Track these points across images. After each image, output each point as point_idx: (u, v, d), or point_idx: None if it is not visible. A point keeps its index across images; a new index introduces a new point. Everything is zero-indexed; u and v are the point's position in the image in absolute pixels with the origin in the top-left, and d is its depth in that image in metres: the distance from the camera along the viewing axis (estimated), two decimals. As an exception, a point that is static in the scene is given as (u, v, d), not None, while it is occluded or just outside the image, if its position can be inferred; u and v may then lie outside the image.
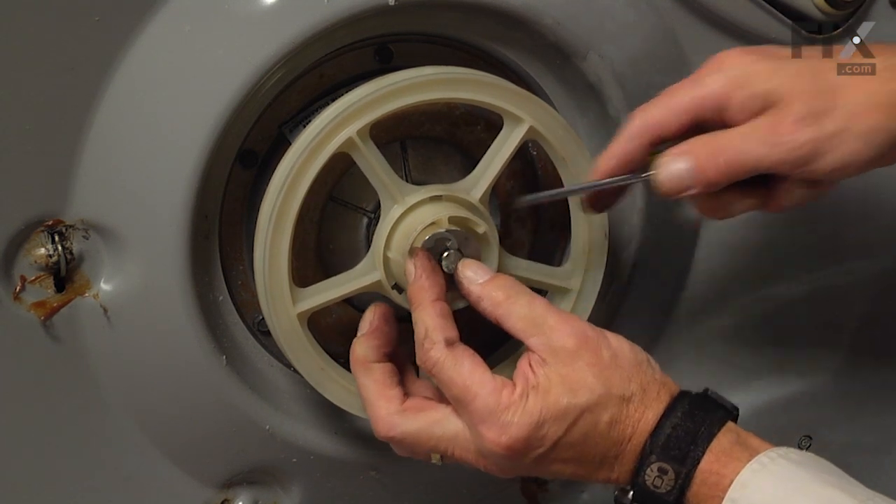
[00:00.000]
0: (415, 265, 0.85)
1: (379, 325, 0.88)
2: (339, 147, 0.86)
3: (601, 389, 0.79)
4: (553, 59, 0.97)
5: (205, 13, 0.86)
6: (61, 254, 0.87)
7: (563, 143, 0.92)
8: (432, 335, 0.82)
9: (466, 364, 0.81)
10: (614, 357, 0.81)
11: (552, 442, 0.79)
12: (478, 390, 0.80)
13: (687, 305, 1.10)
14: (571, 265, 0.95)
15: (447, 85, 0.88)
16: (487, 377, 0.80)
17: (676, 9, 0.99)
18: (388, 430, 0.84)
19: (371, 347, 0.87)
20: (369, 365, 0.86)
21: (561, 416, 0.78)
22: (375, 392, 0.85)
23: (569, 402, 0.78)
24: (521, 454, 0.79)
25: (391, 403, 0.85)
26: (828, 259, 1.12)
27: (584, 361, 0.80)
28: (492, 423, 0.79)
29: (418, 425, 0.83)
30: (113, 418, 0.93)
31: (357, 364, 0.87)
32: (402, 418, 0.84)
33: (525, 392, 0.79)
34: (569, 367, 0.79)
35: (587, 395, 0.79)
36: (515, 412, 0.78)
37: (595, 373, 0.79)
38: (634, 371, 0.81)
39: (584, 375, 0.79)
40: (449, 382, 0.81)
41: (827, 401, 1.17)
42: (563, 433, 0.79)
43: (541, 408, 0.78)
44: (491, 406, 0.79)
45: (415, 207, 0.88)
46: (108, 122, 0.86)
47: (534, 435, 0.79)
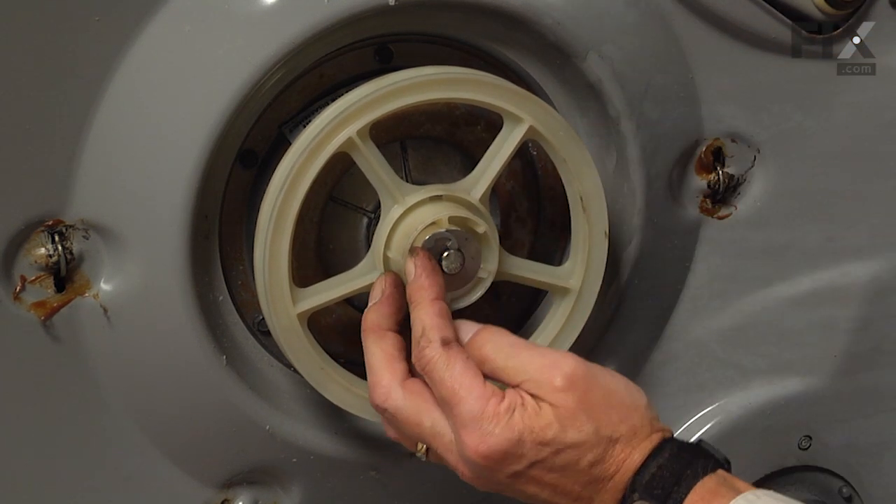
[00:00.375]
0: (415, 264, 0.85)
1: (391, 292, 0.87)
2: (339, 147, 0.85)
3: (590, 429, 0.78)
4: (553, 59, 0.97)
5: (205, 13, 0.86)
6: (61, 254, 0.87)
7: (563, 143, 0.92)
8: (429, 334, 0.82)
9: (458, 366, 0.80)
10: (607, 397, 0.79)
11: (529, 462, 0.78)
12: (464, 395, 0.79)
13: (687, 305, 1.10)
14: (571, 264, 0.95)
15: (447, 85, 0.88)
16: (477, 382, 0.79)
17: (676, 9, 0.99)
18: (384, 398, 0.83)
19: (384, 315, 0.86)
20: (382, 332, 0.85)
21: (544, 444, 0.78)
22: (382, 359, 0.84)
23: (555, 435, 0.78)
24: (495, 467, 0.79)
25: (395, 375, 0.83)
26: (826, 260, 1.12)
27: (575, 399, 0.78)
28: (473, 429, 0.78)
29: (414, 407, 0.82)
30: (113, 418, 0.93)
31: (368, 331, 0.86)
32: (402, 392, 0.83)
33: (512, 407, 0.78)
34: (561, 404, 0.78)
35: (575, 434, 0.78)
36: (498, 424, 0.78)
37: (586, 412, 0.78)
38: (627, 413, 0.80)
39: (576, 413, 0.78)
40: (439, 383, 0.80)
41: (827, 401, 1.17)
42: (542, 458, 0.78)
43: (525, 427, 0.77)
44: (475, 412, 0.78)
45: (415, 207, 0.88)
46: (108, 123, 0.86)
47: (511, 451, 0.78)
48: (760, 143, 1.06)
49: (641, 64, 0.98)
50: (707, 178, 1.06)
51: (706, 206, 1.07)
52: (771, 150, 1.07)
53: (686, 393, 1.13)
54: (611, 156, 1.00)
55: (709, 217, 1.08)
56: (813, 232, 1.11)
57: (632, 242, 1.03)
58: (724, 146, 1.05)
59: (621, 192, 1.01)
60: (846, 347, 1.15)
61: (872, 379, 1.18)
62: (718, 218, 1.08)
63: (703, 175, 1.06)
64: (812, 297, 1.13)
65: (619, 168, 1.00)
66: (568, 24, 0.94)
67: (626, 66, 0.97)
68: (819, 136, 1.07)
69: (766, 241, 1.10)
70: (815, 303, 1.13)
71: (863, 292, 1.14)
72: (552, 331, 0.95)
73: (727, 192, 1.07)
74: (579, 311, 0.95)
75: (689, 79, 1.01)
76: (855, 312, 1.15)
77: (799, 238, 1.11)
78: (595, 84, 0.97)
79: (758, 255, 1.10)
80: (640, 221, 1.02)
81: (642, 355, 1.10)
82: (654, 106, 0.99)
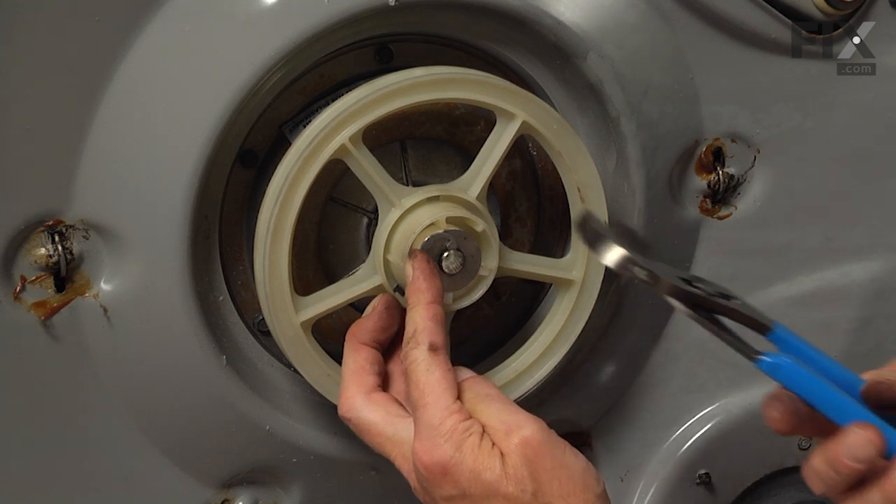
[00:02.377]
0: (413, 267, 0.85)
1: (381, 311, 0.88)
2: (332, 155, 0.86)
3: (529, 489, 0.77)
4: (553, 60, 0.97)
5: (205, 13, 0.86)
6: (61, 254, 0.87)
7: (558, 136, 0.91)
8: (419, 336, 0.83)
9: (436, 373, 0.81)
10: (556, 468, 0.79)
11: (461, 491, 0.78)
12: (432, 402, 0.80)
13: (687, 305, 1.10)
14: (573, 256, 0.95)
15: (437, 86, 0.88)
16: (448, 395, 0.80)
17: (676, 9, 0.99)
18: (346, 410, 0.85)
19: (365, 329, 0.88)
20: (358, 345, 0.88)
21: (480, 482, 0.78)
22: (353, 371, 0.87)
23: (494, 480, 0.77)
24: (434, 481, 0.79)
25: (360, 387, 0.85)
26: (826, 260, 1.12)
27: (524, 459, 0.78)
28: (426, 436, 0.79)
29: (375, 417, 0.84)
30: (113, 418, 0.93)
31: (347, 342, 0.89)
32: (364, 404, 0.84)
33: (470, 431, 0.79)
34: (511, 455, 0.78)
35: (512, 488, 0.77)
36: (450, 439, 0.78)
37: (531, 473, 0.78)
38: (573, 490, 0.79)
39: (520, 471, 0.78)
40: (415, 384, 0.81)
41: (827, 401, 1.16)
42: (472, 494, 0.78)
43: (471, 455, 0.78)
44: (434, 421, 0.79)
45: (412, 209, 0.88)
46: (109, 123, 0.86)
47: (450, 470, 0.78)
48: (760, 143, 1.06)
49: (641, 64, 0.98)
50: (707, 178, 1.06)
51: (706, 206, 1.07)
52: (771, 150, 1.07)
53: (686, 393, 1.13)
54: (611, 156, 1.00)
55: (709, 217, 1.08)
56: (813, 232, 1.11)
57: (632, 242, 1.03)
58: (724, 146, 1.05)
59: (621, 192, 1.01)
60: (846, 347, 1.15)
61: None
62: (718, 218, 1.08)
63: (703, 175, 1.06)
64: (812, 297, 1.13)
65: (619, 168, 1.00)
66: (568, 24, 0.94)
67: (626, 66, 0.97)
68: (819, 136, 1.07)
69: (766, 241, 1.10)
70: (815, 303, 1.13)
71: (863, 292, 1.14)
72: (557, 323, 0.95)
73: (727, 192, 1.07)
74: (583, 303, 0.95)
75: (689, 79, 1.01)
76: (855, 312, 1.15)
77: (799, 238, 1.11)
78: (595, 84, 0.97)
79: (758, 255, 1.10)
80: (640, 221, 1.02)
81: (642, 355, 1.10)
82: (654, 106, 0.99)
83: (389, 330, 0.89)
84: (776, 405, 0.77)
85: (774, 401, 0.78)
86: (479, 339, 1.03)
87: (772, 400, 0.78)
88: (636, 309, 1.07)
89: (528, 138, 1.00)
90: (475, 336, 1.03)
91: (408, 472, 0.82)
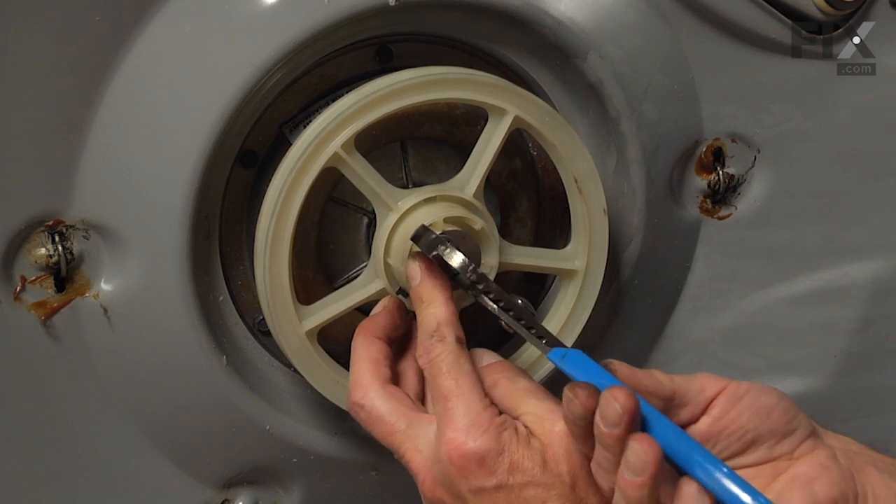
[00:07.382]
0: (419, 267, 0.85)
1: (391, 309, 0.88)
2: (326, 163, 0.85)
3: (567, 480, 0.77)
4: (553, 60, 0.97)
5: (205, 13, 0.86)
6: (61, 254, 0.87)
7: (551, 128, 0.91)
8: (443, 329, 0.82)
9: (467, 366, 0.81)
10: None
11: (497, 482, 0.77)
12: (466, 393, 0.79)
13: (687, 305, 1.10)
14: (574, 246, 0.95)
15: (426, 87, 0.87)
16: (479, 389, 0.80)
17: (676, 9, 0.99)
18: (361, 394, 0.83)
19: (378, 325, 0.87)
20: (371, 338, 0.86)
21: (519, 471, 0.77)
22: (368, 361, 0.85)
23: (533, 467, 0.77)
24: (464, 474, 0.78)
25: (377, 377, 0.84)
26: (826, 260, 1.12)
27: (565, 449, 0.78)
28: (461, 428, 0.78)
29: (389, 406, 0.82)
30: (113, 418, 0.93)
31: (359, 335, 0.86)
32: (379, 393, 0.83)
33: (505, 425, 0.78)
34: (551, 444, 0.78)
35: (551, 477, 0.77)
36: (486, 431, 0.78)
37: (570, 465, 0.78)
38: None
39: (560, 460, 0.78)
40: (445, 375, 0.80)
41: (827, 401, 1.16)
42: (510, 484, 0.77)
43: (509, 445, 0.78)
44: (471, 413, 0.78)
45: (410, 212, 0.88)
46: (109, 123, 0.86)
47: (488, 461, 0.77)
48: (760, 143, 1.06)
49: (641, 64, 0.98)
50: (707, 178, 1.06)
51: (706, 206, 1.07)
52: (771, 150, 1.07)
53: (686, 393, 1.13)
54: (611, 156, 1.00)
55: (709, 217, 1.08)
56: (813, 232, 1.11)
57: (632, 242, 1.03)
58: (724, 146, 1.05)
59: (621, 192, 1.01)
60: (846, 347, 1.15)
61: (872, 379, 1.18)
62: (718, 218, 1.08)
63: (703, 175, 1.06)
64: (812, 297, 1.13)
65: (620, 168, 1.00)
66: (568, 24, 0.94)
67: (626, 66, 0.97)
68: (819, 136, 1.07)
69: (766, 241, 1.10)
70: (815, 303, 1.13)
71: (863, 292, 1.14)
72: (563, 314, 0.95)
73: (727, 192, 1.07)
74: (587, 292, 0.95)
75: (689, 79, 1.01)
76: (855, 312, 1.15)
77: (799, 238, 1.11)
78: (595, 84, 0.97)
79: (758, 255, 1.10)
80: (641, 221, 1.02)
81: (642, 355, 1.10)
82: (655, 106, 0.99)
83: (399, 329, 0.88)
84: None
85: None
86: (482, 336, 1.03)
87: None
88: (636, 309, 1.07)
89: (529, 137, 1.00)
90: (477, 333, 1.03)
91: (419, 466, 0.81)
